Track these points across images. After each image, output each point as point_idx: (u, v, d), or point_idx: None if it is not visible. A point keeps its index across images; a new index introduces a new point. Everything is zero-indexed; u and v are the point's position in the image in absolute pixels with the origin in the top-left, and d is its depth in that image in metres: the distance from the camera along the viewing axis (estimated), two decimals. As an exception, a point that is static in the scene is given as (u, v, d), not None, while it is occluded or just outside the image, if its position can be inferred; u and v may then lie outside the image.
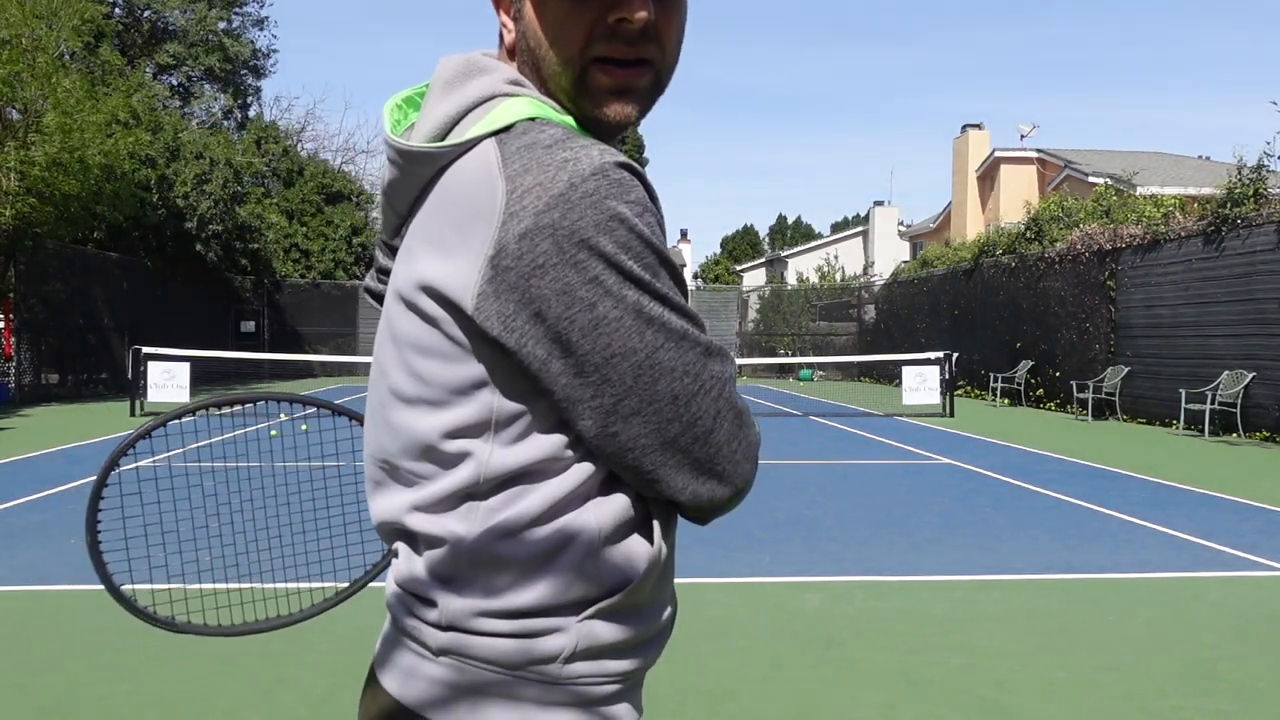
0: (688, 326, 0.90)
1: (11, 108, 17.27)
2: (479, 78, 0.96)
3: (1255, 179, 13.55)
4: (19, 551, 5.86)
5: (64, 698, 3.57)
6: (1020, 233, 20.56)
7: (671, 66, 0.98)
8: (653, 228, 0.89)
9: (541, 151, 0.87)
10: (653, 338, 0.88)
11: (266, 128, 31.96)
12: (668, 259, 0.90)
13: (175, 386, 15.39)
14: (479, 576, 0.93)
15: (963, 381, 21.51)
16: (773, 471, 9.78)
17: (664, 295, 0.89)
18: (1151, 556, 6.03)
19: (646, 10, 0.92)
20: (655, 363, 0.88)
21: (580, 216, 0.85)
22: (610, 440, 0.90)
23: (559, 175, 0.85)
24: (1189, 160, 29.48)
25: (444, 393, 0.92)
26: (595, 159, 0.86)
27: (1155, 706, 3.58)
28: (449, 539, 0.93)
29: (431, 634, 0.95)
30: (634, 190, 0.87)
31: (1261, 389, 12.81)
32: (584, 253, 0.85)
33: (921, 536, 6.58)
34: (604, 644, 0.94)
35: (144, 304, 22.13)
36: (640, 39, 0.94)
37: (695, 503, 0.94)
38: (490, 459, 0.91)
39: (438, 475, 0.94)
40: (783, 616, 4.72)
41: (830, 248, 42.50)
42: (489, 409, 0.91)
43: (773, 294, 36.72)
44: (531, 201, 0.85)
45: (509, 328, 0.87)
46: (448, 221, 0.90)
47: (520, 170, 0.87)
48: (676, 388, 0.89)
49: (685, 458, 0.91)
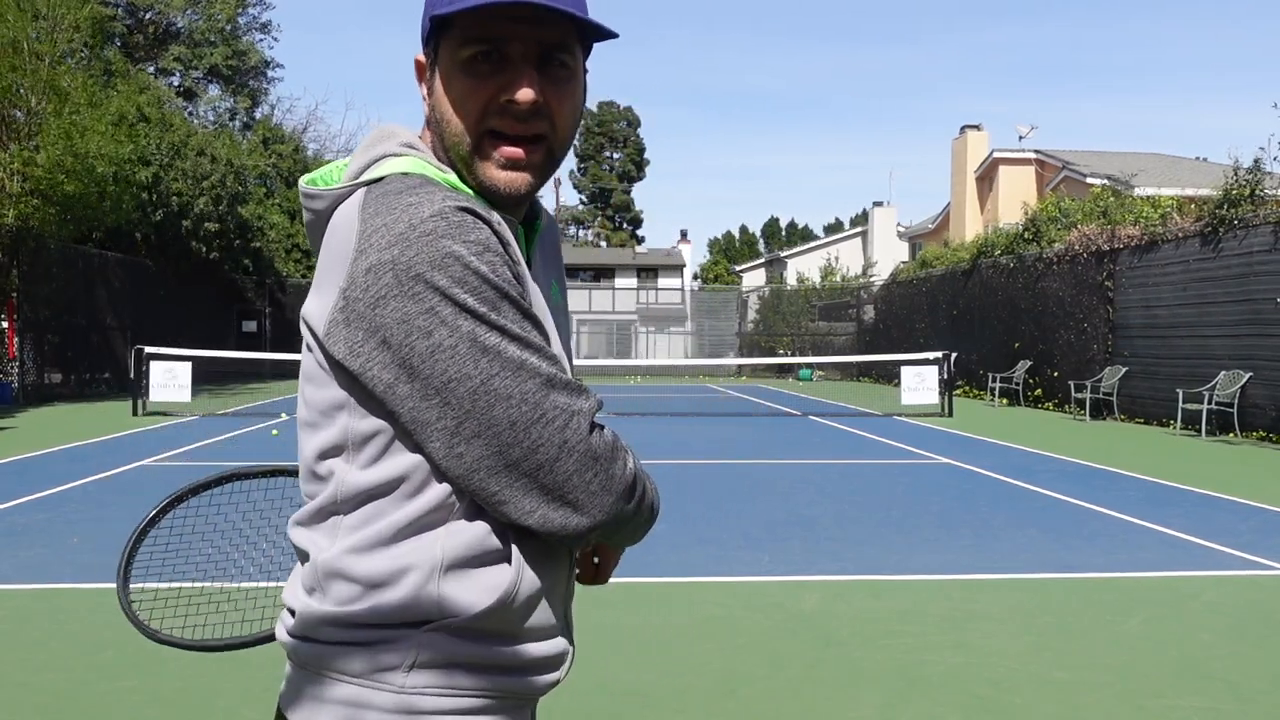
0: (526, 357, 0.95)
1: (15, 110, 17.28)
2: (384, 141, 1.08)
3: (1252, 180, 13.56)
4: (21, 550, 5.88)
5: (65, 696, 3.59)
6: (1019, 233, 20.57)
7: (565, 141, 1.07)
8: (493, 265, 0.95)
9: (393, 197, 0.97)
10: (487, 365, 0.94)
11: (274, 129, 32.00)
12: (509, 294, 0.96)
13: (177, 386, 15.41)
14: (330, 588, 1.00)
15: (961, 381, 21.52)
16: (773, 471, 9.80)
17: (501, 326, 0.95)
18: (1148, 556, 6.05)
19: (533, 93, 1.02)
20: (490, 389, 0.94)
21: (417, 254, 0.93)
22: (457, 461, 0.95)
23: (401, 216, 0.95)
24: (1186, 161, 29.49)
25: (317, 415, 1.02)
26: (436, 203, 0.95)
27: (1152, 705, 3.60)
28: (313, 551, 1.02)
29: (292, 643, 1.04)
30: (473, 231, 0.95)
31: (1258, 389, 12.84)
32: (420, 285, 0.93)
33: (920, 536, 6.60)
34: (449, 659, 0.99)
35: (146, 303, 22.13)
36: (531, 116, 1.03)
37: (546, 527, 0.98)
38: (346, 478, 1.00)
39: (314, 493, 1.03)
40: (782, 616, 4.74)
41: (830, 248, 42.49)
42: (345, 431, 0.99)
43: (772, 294, 36.72)
44: (377, 240, 0.94)
45: (354, 353, 0.95)
46: (324, 260, 1.01)
47: (373, 213, 0.97)
48: (514, 414, 0.94)
49: (530, 482, 0.95)
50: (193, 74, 29.80)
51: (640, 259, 51.70)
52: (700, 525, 6.89)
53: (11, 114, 17.33)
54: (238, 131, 30.79)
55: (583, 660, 3.91)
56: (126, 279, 21.45)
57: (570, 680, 3.53)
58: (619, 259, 51.57)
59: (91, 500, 7.60)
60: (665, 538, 6.47)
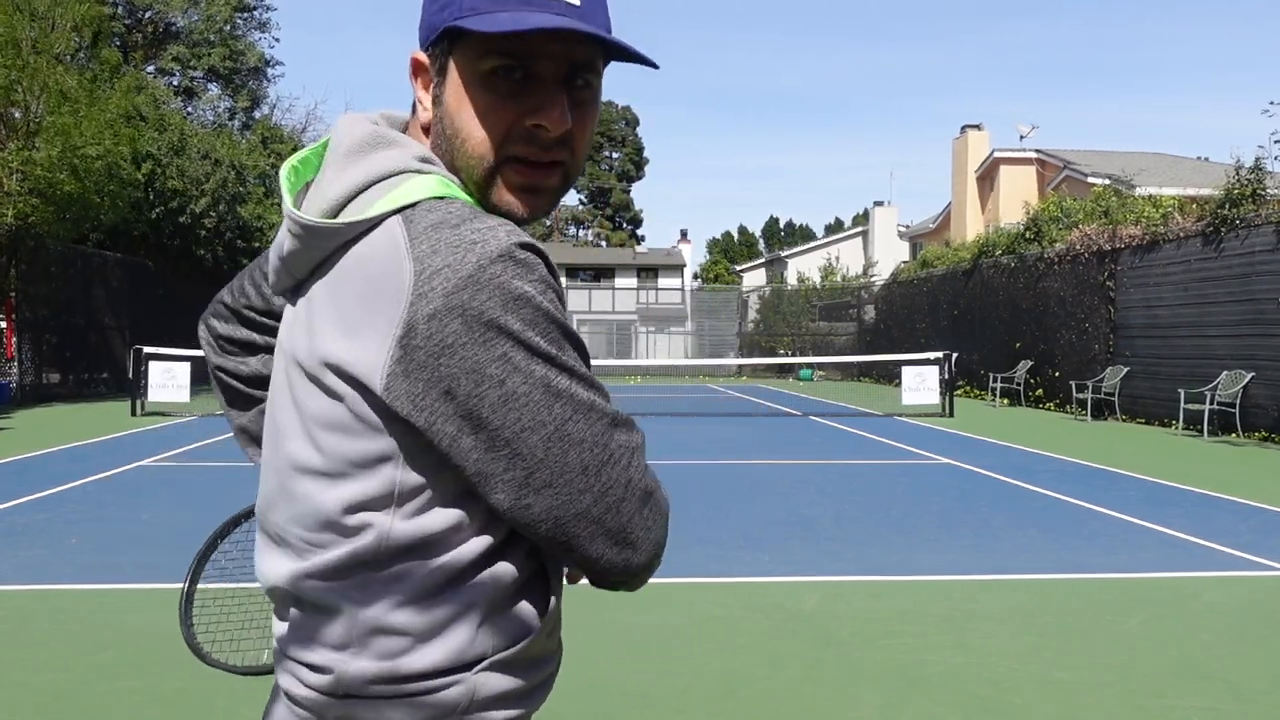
0: (594, 398, 0.92)
1: (13, 109, 17.28)
2: (386, 150, 0.97)
3: (1253, 180, 13.55)
4: (20, 550, 5.87)
5: (65, 696, 3.58)
6: (1020, 233, 20.56)
7: (580, 168, 1.02)
8: (555, 304, 0.91)
9: (449, 231, 0.88)
10: (561, 410, 0.89)
11: (273, 129, 31.97)
12: (571, 332, 0.92)
13: (176, 386, 15.40)
14: (374, 643, 0.94)
15: (962, 382, 21.52)
16: (773, 471, 9.79)
17: (570, 368, 0.90)
18: (1149, 556, 6.04)
19: (568, 123, 0.95)
20: (564, 434, 0.89)
21: (489, 298, 0.86)
22: (524, 512, 0.91)
23: (467, 257, 0.86)
24: (1188, 161, 29.47)
25: (345, 465, 0.93)
26: (502, 241, 0.88)
27: (1152, 705, 3.59)
28: (345, 607, 0.94)
29: (325, 703, 0.96)
30: (537, 269, 0.89)
31: (1260, 389, 12.82)
32: (492, 332, 0.86)
33: (920, 536, 6.59)
34: (498, 693, 0.96)
35: (145, 304, 22.11)
36: (554, 144, 0.97)
37: (610, 569, 0.95)
38: (392, 530, 0.92)
39: (335, 544, 0.94)
40: (782, 616, 4.73)
41: (830, 248, 42.48)
42: (392, 482, 0.92)
43: (773, 294, 36.72)
44: (440, 283, 0.86)
45: (419, 406, 0.88)
46: (353, 299, 0.90)
47: (429, 251, 0.87)
48: (586, 458, 0.90)
49: (599, 527, 0.92)
50: (191, 74, 29.80)
51: (640, 259, 51.70)
52: (700, 525, 6.88)
53: (10, 113, 17.33)
54: (236, 131, 30.77)
55: (583, 660, 3.90)
56: (125, 279, 21.44)
57: (570, 680, 3.53)
58: (619, 259, 51.57)
59: (90, 500, 7.59)
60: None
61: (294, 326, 0.97)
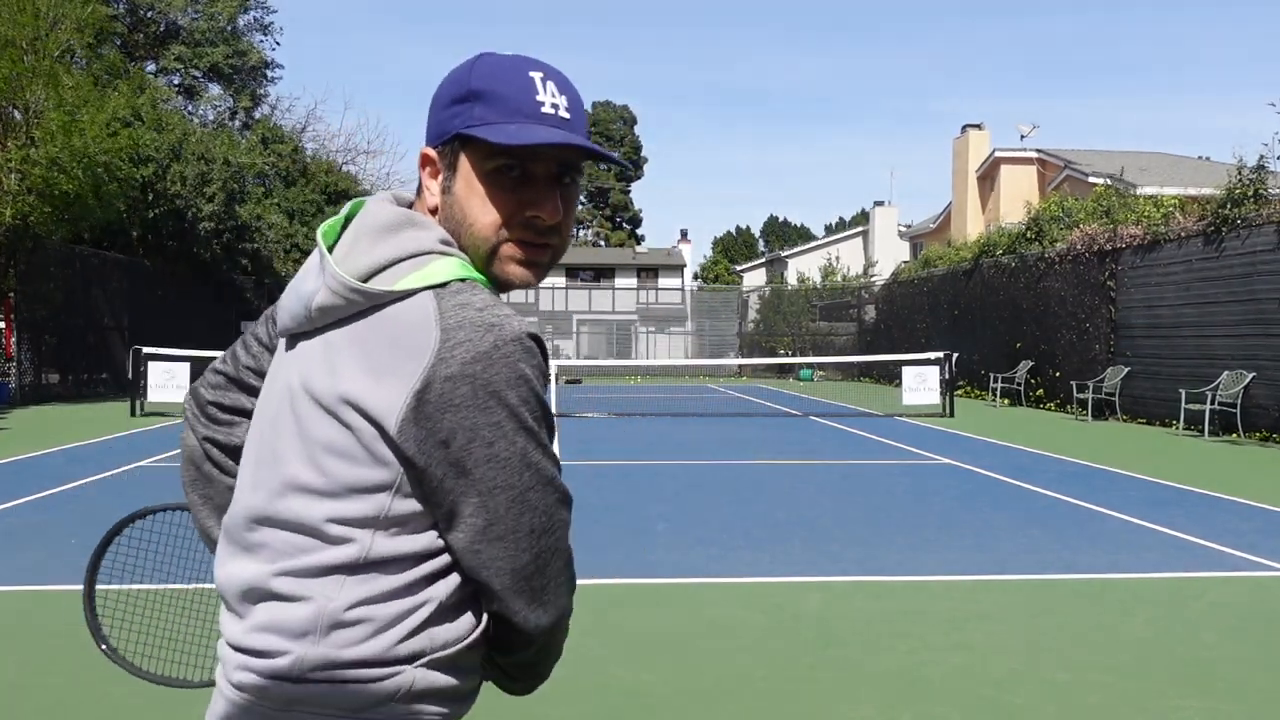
0: (555, 475, 1.10)
1: (13, 108, 17.26)
2: (413, 231, 1.13)
3: (1255, 179, 13.54)
4: (19, 551, 5.87)
5: (64, 697, 3.58)
6: (1020, 233, 20.55)
7: (565, 247, 1.22)
8: (543, 387, 1.09)
9: (474, 313, 1.05)
10: (529, 478, 1.07)
11: (273, 128, 31.96)
12: (549, 414, 1.10)
13: (175, 386, 15.38)
14: (335, 634, 1.07)
15: (963, 382, 21.50)
16: (773, 471, 9.79)
17: (544, 444, 1.09)
18: (1150, 557, 6.03)
19: (560, 215, 1.15)
20: (525, 499, 1.07)
21: (497, 373, 1.04)
22: (474, 556, 1.08)
23: (486, 336, 1.04)
24: (1189, 160, 29.46)
25: (342, 488, 1.07)
26: (516, 329, 1.06)
27: (1154, 706, 3.58)
28: (316, 600, 1.07)
29: (274, 687, 1.08)
30: (537, 357, 1.07)
31: (1261, 389, 12.81)
32: (493, 401, 1.04)
33: (921, 536, 6.58)
34: (432, 688, 1.10)
35: (144, 304, 22.11)
36: (547, 230, 1.16)
37: (524, 625, 1.11)
38: (373, 545, 1.07)
39: (316, 549, 1.08)
40: (783, 616, 4.72)
41: (831, 248, 42.47)
42: (382, 508, 1.07)
43: (773, 294, 36.72)
44: (461, 353, 1.03)
45: (422, 450, 1.04)
46: (383, 351, 1.07)
47: (455, 325, 1.05)
48: (535, 523, 1.08)
49: (526, 585, 1.09)
50: (192, 73, 29.78)
51: (640, 259, 51.72)
52: (700, 525, 6.87)
53: (9, 112, 17.32)
54: (237, 131, 30.76)
55: (584, 661, 3.89)
56: (124, 279, 21.43)
57: (572, 681, 3.52)
58: (619, 259, 51.59)
59: (90, 501, 7.58)
60: (665, 537, 6.45)
61: (307, 364, 1.12)
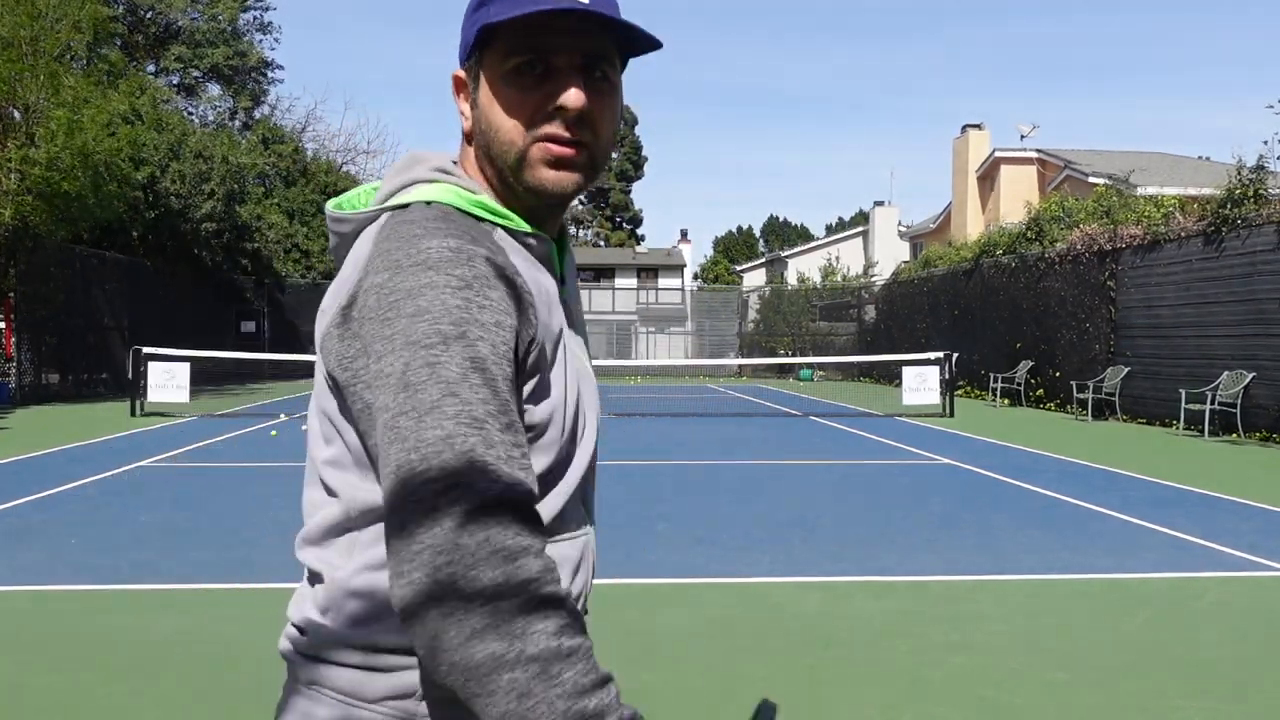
0: (444, 405, 0.86)
1: (13, 107, 17.26)
2: (414, 167, 1.09)
3: (1255, 179, 13.54)
4: (19, 552, 5.86)
5: (64, 698, 3.57)
6: (1020, 233, 20.55)
7: (605, 150, 1.09)
8: (468, 301, 0.90)
9: (405, 226, 0.98)
10: (403, 400, 0.87)
11: (273, 128, 31.96)
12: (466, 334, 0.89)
13: (175, 387, 15.39)
14: (348, 608, 0.98)
15: (963, 382, 21.50)
16: (773, 471, 9.78)
17: (435, 363, 0.87)
18: (1151, 557, 6.03)
19: (583, 98, 1.03)
20: (395, 426, 0.87)
21: (402, 281, 0.92)
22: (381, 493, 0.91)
23: (403, 245, 0.95)
24: (1189, 160, 29.46)
25: (329, 425, 1.02)
26: (439, 237, 0.95)
27: (1154, 706, 3.58)
28: (327, 571, 1.00)
29: (303, 665, 1.02)
30: (462, 266, 0.92)
31: (1261, 389, 12.81)
32: (392, 312, 0.91)
33: (921, 536, 6.58)
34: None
35: (144, 304, 22.12)
36: (577, 124, 1.05)
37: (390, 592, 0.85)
38: (354, 493, 0.99)
39: (321, 502, 1.03)
40: (782, 617, 4.72)
41: (831, 248, 42.46)
42: (347, 445, 1.00)
43: (773, 294, 36.70)
44: (377, 263, 0.95)
45: (343, 365, 0.97)
46: (338, 280, 1.03)
47: (384, 238, 0.98)
48: (401, 459, 0.85)
49: (389, 535, 0.85)
50: (192, 73, 29.79)
51: (640, 259, 51.69)
52: (700, 525, 6.87)
53: (9, 112, 17.31)
54: (237, 131, 30.75)
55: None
56: (124, 279, 21.43)
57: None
58: (619, 259, 51.57)
59: (90, 501, 7.58)
60: (665, 537, 6.45)
61: None
